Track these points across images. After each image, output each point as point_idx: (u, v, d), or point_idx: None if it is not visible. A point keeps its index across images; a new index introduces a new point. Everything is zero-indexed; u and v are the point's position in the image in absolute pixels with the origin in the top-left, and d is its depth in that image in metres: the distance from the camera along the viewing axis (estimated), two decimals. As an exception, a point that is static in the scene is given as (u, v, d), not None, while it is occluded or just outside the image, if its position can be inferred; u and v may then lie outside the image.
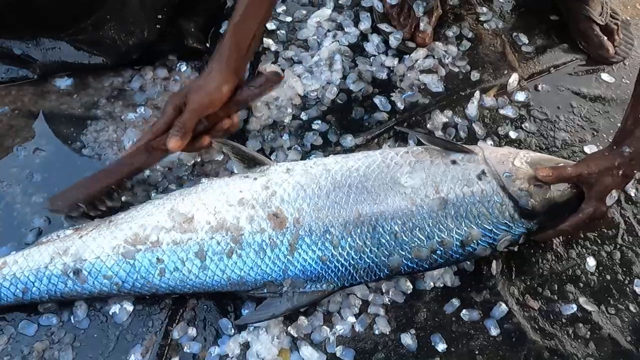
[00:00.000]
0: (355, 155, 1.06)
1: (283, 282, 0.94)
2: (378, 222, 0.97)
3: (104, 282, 0.92)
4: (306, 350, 0.96)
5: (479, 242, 1.00)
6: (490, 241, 1.01)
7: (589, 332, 1.05)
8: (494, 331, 1.03)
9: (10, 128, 1.14)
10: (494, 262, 1.07)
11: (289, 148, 1.17)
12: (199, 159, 1.12)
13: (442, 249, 0.98)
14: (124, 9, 1.10)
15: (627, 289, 1.10)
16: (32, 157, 1.11)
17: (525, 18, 1.48)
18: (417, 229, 0.98)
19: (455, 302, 1.05)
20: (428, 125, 1.26)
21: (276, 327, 0.98)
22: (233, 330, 0.98)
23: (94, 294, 0.94)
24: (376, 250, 0.97)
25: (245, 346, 0.97)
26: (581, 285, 1.10)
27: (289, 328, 0.98)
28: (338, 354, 0.98)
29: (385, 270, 0.98)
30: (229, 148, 1.04)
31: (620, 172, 1.01)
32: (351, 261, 0.96)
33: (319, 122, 1.24)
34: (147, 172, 1.07)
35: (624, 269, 1.12)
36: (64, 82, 1.21)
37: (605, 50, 1.39)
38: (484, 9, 1.47)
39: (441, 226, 0.99)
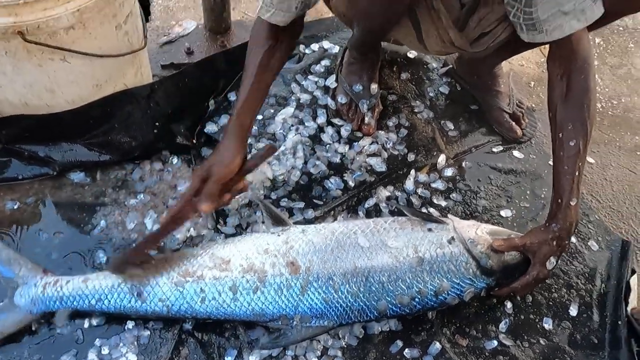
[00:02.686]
0: (355, 221, 1.30)
1: (294, 316, 1.15)
2: (370, 273, 1.18)
3: (158, 304, 1.15)
4: None
5: (449, 292, 1.20)
6: (458, 292, 1.21)
7: None
8: None
9: (34, 216, 1.34)
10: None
11: (262, 222, 1.35)
12: (189, 234, 1.36)
13: (419, 297, 1.18)
14: (129, 119, 1.35)
15: (538, 325, 1.29)
16: (52, 238, 1.30)
17: (451, 108, 1.67)
18: (400, 280, 1.18)
19: (399, 342, 1.23)
20: (374, 199, 1.44)
21: None
22: None
23: (148, 313, 1.16)
24: (368, 296, 1.17)
25: None
26: (501, 324, 1.28)
27: None
28: None
29: (375, 313, 1.18)
30: (264, 207, 1.28)
31: (554, 242, 1.21)
32: (348, 303, 1.17)
33: (286, 199, 1.41)
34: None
35: (535, 310, 1.32)
36: (77, 176, 1.40)
37: (515, 133, 1.61)
38: (417, 102, 1.66)
39: (419, 279, 1.19)
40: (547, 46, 1.27)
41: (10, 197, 1.37)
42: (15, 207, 1.35)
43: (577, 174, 1.20)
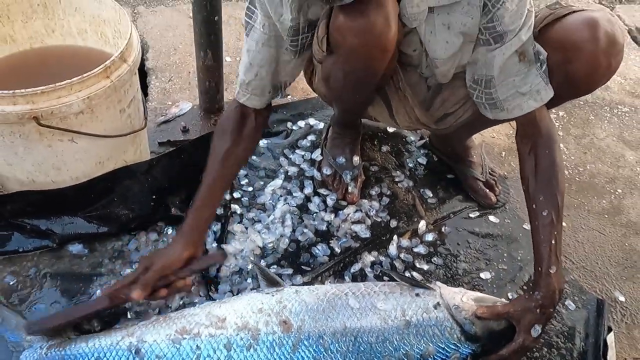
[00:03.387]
0: (346, 284, 1.36)
1: None
2: (359, 334, 1.21)
3: None
4: None
5: (435, 357, 1.22)
6: (444, 357, 1.22)
7: None
8: None
9: (33, 287, 1.38)
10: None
11: (252, 289, 1.41)
12: (181, 301, 1.40)
13: (406, 359, 1.22)
14: (128, 193, 1.43)
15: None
16: (49, 308, 1.34)
17: (429, 177, 1.78)
18: (387, 341, 1.21)
19: None
20: (360, 264, 1.50)
21: None
22: None
23: None
24: (356, 355, 1.20)
25: None
26: None
27: None
28: None
29: None
30: (259, 270, 1.34)
31: (538, 310, 1.23)
32: None
33: (275, 266, 1.46)
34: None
35: None
36: (76, 248, 1.45)
37: (489, 199, 1.71)
38: (398, 172, 1.77)
39: (405, 341, 1.21)
40: (516, 120, 1.38)
41: (10, 269, 1.42)
42: (13, 282, 1.39)
43: (553, 242, 1.26)
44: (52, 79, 1.22)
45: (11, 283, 1.39)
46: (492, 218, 1.71)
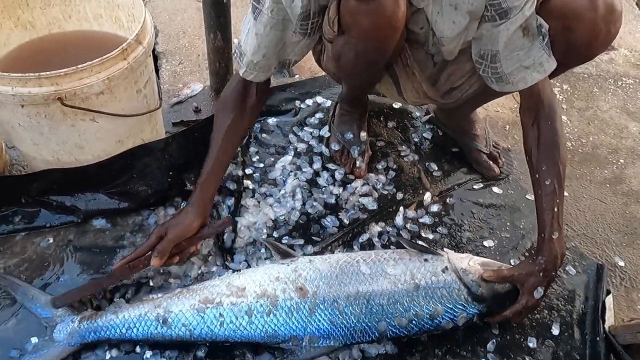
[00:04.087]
0: (357, 252, 1.44)
1: (304, 337, 1.27)
2: (371, 297, 1.29)
3: (182, 329, 1.26)
4: None
5: (443, 316, 1.30)
6: (452, 317, 1.31)
7: None
8: None
9: (60, 259, 1.47)
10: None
11: (266, 258, 1.49)
12: (200, 271, 1.47)
13: (416, 319, 1.29)
14: (146, 170, 1.51)
15: (523, 345, 1.39)
16: (75, 279, 1.43)
17: (434, 151, 1.84)
18: (398, 303, 1.29)
19: None
20: (367, 234, 1.57)
21: None
22: None
23: (173, 338, 1.27)
24: (369, 317, 1.28)
25: None
26: (488, 344, 1.38)
27: None
28: None
29: (376, 333, 1.29)
30: (271, 245, 1.42)
31: (541, 274, 1.30)
32: (351, 324, 1.27)
33: (287, 237, 1.54)
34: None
35: (520, 330, 1.42)
36: (99, 223, 1.53)
37: (493, 171, 1.76)
38: (404, 147, 1.82)
39: (415, 303, 1.29)
40: (519, 93, 1.43)
41: (38, 243, 1.51)
42: (41, 255, 1.47)
43: (555, 209, 1.32)
44: (71, 62, 1.29)
45: (39, 256, 1.48)
46: (495, 189, 1.76)
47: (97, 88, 1.30)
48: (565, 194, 1.78)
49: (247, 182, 1.68)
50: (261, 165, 1.74)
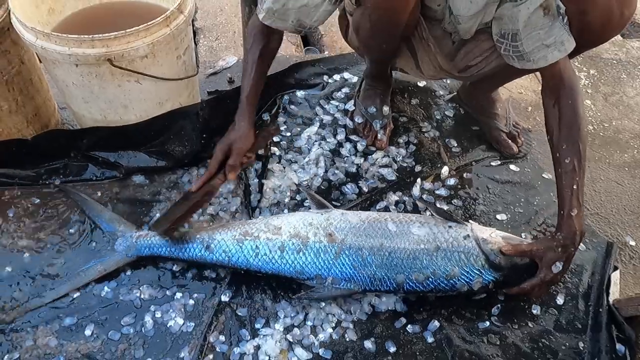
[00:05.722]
0: (387, 213, 1.53)
1: (327, 277, 1.38)
2: (393, 251, 1.38)
3: (222, 254, 1.42)
4: (298, 350, 1.34)
5: (459, 278, 1.37)
6: (467, 280, 1.37)
7: (498, 340, 1.39)
8: (430, 339, 1.38)
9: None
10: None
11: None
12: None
13: (432, 277, 1.37)
14: (181, 132, 1.63)
15: (527, 311, 1.45)
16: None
17: (455, 129, 1.89)
18: (417, 260, 1.37)
19: (403, 319, 1.40)
20: (385, 202, 1.64)
21: (278, 334, 1.36)
22: (249, 337, 1.36)
23: (213, 261, 1.43)
24: (389, 268, 1.37)
25: (257, 348, 1.34)
26: (493, 309, 1.44)
27: (287, 335, 1.36)
28: (320, 354, 1.34)
29: (394, 284, 1.38)
30: (310, 195, 1.55)
31: (559, 249, 1.34)
32: (372, 272, 1.37)
33: (309, 201, 1.60)
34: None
35: (525, 298, 1.46)
36: (138, 178, 1.67)
37: (511, 149, 1.80)
38: (425, 124, 1.88)
39: (433, 262, 1.37)
40: (541, 74, 1.47)
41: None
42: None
43: (575, 187, 1.35)
44: (119, 28, 1.42)
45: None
46: (512, 167, 1.81)
47: (142, 51, 1.43)
48: (583, 174, 1.84)
49: (274, 149, 1.78)
50: (288, 134, 1.84)
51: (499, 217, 1.67)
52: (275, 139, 1.84)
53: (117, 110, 1.60)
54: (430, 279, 1.38)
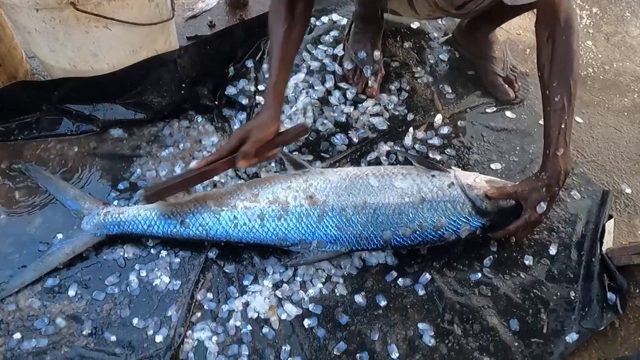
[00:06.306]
0: (367, 167, 1.47)
1: (312, 242, 1.34)
2: (377, 207, 1.34)
3: (199, 228, 1.35)
4: (288, 306, 1.32)
5: (447, 228, 1.34)
6: (455, 229, 1.35)
7: (489, 292, 1.38)
8: (421, 292, 1.37)
9: (82, 165, 1.54)
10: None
11: (276, 172, 1.53)
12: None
13: (420, 230, 1.34)
14: (159, 81, 1.54)
15: (519, 262, 1.44)
16: (96, 183, 1.51)
17: (449, 74, 1.81)
18: (403, 214, 1.33)
19: (394, 273, 1.39)
20: (376, 153, 1.59)
21: (267, 291, 1.34)
22: (238, 294, 1.34)
23: (190, 237, 1.35)
24: (375, 226, 1.33)
25: (246, 304, 1.33)
26: (485, 260, 1.42)
27: (276, 292, 1.34)
28: (310, 309, 1.32)
29: (381, 241, 1.34)
30: (284, 156, 1.46)
31: (544, 189, 1.33)
32: (358, 231, 1.34)
33: (297, 153, 1.57)
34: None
35: (517, 249, 1.46)
36: (117, 132, 1.59)
37: (507, 95, 1.74)
38: (418, 69, 1.80)
39: (420, 214, 1.33)
40: (536, 7, 1.37)
41: (62, 149, 1.58)
42: (64, 161, 1.55)
43: (562, 126, 1.31)
44: (83, -32, 1.28)
45: (63, 161, 1.56)
46: (508, 113, 1.75)
47: (109, -7, 1.31)
48: (580, 120, 1.78)
49: (259, 98, 1.69)
50: (273, 82, 1.74)
51: (493, 166, 1.63)
52: (261, 87, 1.74)
53: (87, 59, 1.49)
54: (417, 232, 1.35)
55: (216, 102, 1.68)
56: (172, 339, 1.27)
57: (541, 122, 1.68)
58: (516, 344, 1.32)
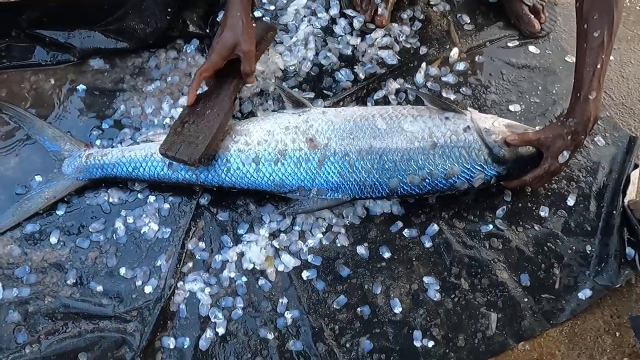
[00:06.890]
0: (374, 107, 1.34)
1: (312, 189, 1.24)
2: (384, 153, 1.23)
3: (187, 172, 1.24)
4: (285, 257, 1.26)
5: (459, 176, 1.24)
6: (468, 177, 1.25)
7: (501, 245, 1.31)
8: (428, 244, 1.30)
9: (59, 99, 1.41)
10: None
11: (273, 110, 1.41)
12: None
13: (430, 178, 1.24)
14: (141, 5, 1.36)
15: (534, 213, 1.35)
16: (76, 120, 1.39)
17: (469, 1, 1.63)
18: (412, 160, 1.23)
19: (399, 223, 1.31)
20: (384, 91, 1.46)
21: (263, 240, 1.27)
22: (232, 244, 1.27)
23: (180, 181, 1.26)
24: (381, 173, 1.23)
25: (241, 255, 1.26)
26: (498, 211, 1.34)
27: (273, 242, 1.27)
28: (309, 260, 1.26)
29: (386, 190, 1.24)
30: (283, 92, 1.34)
31: (569, 137, 1.22)
32: (361, 178, 1.24)
33: (297, 89, 1.45)
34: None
35: (533, 199, 1.37)
36: (97, 63, 1.45)
37: (533, 27, 1.57)
38: (435, -5, 1.62)
39: (431, 161, 1.23)
40: None
41: (36, 81, 1.44)
42: (39, 94, 1.41)
43: (598, 66, 1.18)
44: None
45: (38, 95, 1.42)
46: (532, 48, 1.59)
47: None
48: (611, 57, 1.60)
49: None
50: (272, 7, 1.58)
51: (512, 107, 1.50)
52: (257, 13, 1.57)
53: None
54: (427, 180, 1.24)
55: (207, 30, 1.51)
56: (162, 290, 1.21)
57: (567, 58, 1.57)
58: (526, 299, 1.27)
